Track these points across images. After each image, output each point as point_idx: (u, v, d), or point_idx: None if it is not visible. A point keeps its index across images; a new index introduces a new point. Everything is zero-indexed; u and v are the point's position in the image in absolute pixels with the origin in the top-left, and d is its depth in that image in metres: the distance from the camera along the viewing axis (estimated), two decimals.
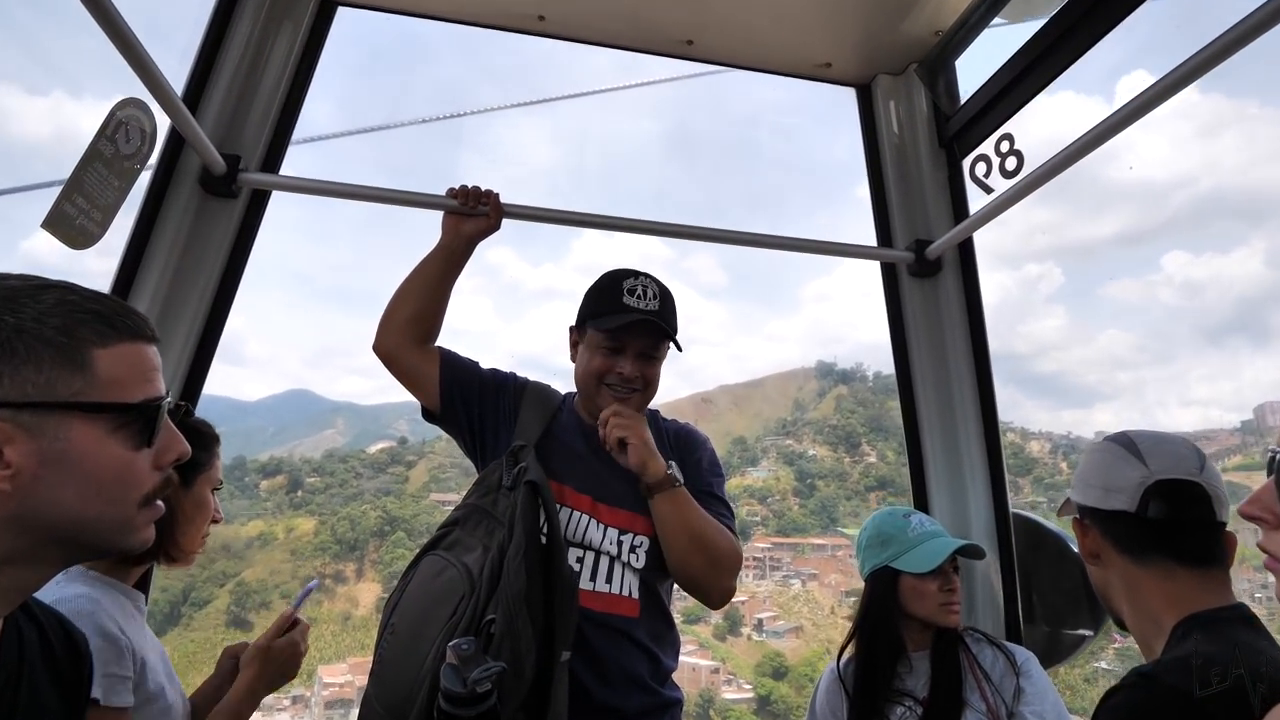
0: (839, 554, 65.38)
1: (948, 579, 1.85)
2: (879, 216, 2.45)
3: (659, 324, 1.66)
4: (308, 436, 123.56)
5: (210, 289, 1.93)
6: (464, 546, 1.50)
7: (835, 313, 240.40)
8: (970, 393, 2.30)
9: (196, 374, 1.92)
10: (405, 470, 77.91)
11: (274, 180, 1.99)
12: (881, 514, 2.00)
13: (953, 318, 2.32)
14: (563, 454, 1.71)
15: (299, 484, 71.35)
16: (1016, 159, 2.00)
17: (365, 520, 65.09)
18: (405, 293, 1.77)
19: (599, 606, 1.59)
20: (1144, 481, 1.13)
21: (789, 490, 75.27)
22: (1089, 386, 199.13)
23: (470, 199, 1.84)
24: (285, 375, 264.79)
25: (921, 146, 2.39)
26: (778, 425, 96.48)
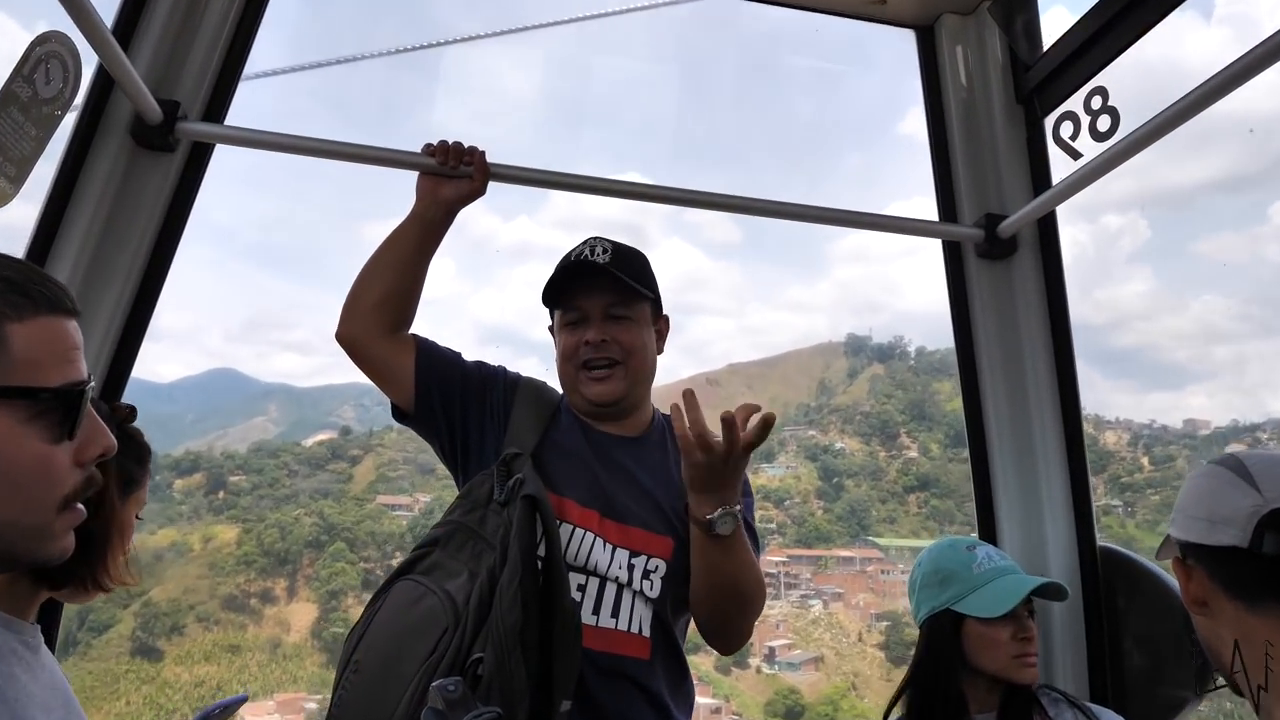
0: (869, 568, 64.22)
1: (1022, 625, 1.85)
2: (942, 186, 2.46)
3: (612, 272, 1.72)
4: (234, 425, 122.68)
5: (142, 256, 1.95)
6: (446, 571, 1.52)
7: (872, 276, 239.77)
8: (1049, 399, 2.32)
9: (124, 355, 1.94)
10: (349, 467, 76.54)
11: (218, 131, 2.01)
12: (940, 546, 2.00)
13: (1029, 308, 2.34)
14: (564, 462, 1.73)
15: (220, 484, 69.97)
16: (1110, 118, 2.01)
17: (298, 528, 64.09)
18: (373, 270, 1.79)
19: (603, 645, 1.60)
20: (1258, 511, 1.12)
21: (811, 491, 74.01)
22: (1178, 364, 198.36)
23: (451, 158, 1.86)
24: (206, 352, 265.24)
25: (995, 102, 2.40)
26: (799, 412, 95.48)
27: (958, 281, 2.43)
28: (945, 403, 79.84)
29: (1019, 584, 1.87)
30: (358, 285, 1.79)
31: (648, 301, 1.82)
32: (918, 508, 75.42)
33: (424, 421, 1.79)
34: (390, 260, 1.80)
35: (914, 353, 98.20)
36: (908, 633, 55.94)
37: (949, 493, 72.93)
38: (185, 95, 2.00)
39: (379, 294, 1.77)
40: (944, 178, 2.46)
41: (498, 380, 1.83)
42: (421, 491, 71.47)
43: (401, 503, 69.23)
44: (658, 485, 1.76)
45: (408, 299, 1.81)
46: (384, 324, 1.77)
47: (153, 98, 1.90)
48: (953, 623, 1.88)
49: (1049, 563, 2.27)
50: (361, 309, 1.77)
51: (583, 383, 1.76)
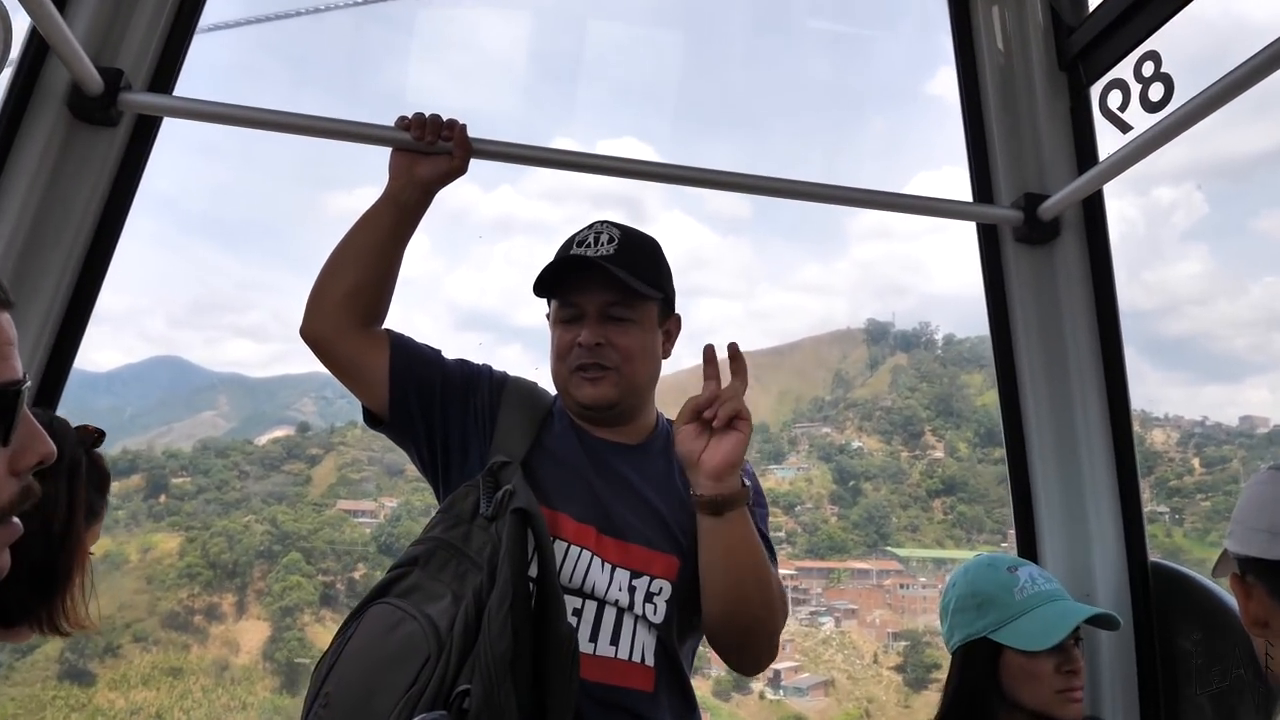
0: (886, 582, 63.54)
1: (1068, 657, 1.86)
2: (977, 164, 2.48)
3: (612, 269, 1.70)
4: (179, 421, 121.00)
5: (81, 242, 1.96)
6: (426, 594, 1.52)
7: (896, 255, 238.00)
8: (1096, 399, 2.34)
9: (62, 351, 1.95)
10: (307, 468, 74.81)
11: (166, 103, 2.01)
12: (978, 565, 2.01)
13: (1073, 298, 2.36)
14: (557, 472, 1.73)
15: (162, 487, 68.70)
16: (1164, 86, 2.02)
17: (248, 537, 63.12)
18: (341, 259, 1.79)
19: (602, 677, 1.60)
20: None
21: (824, 496, 72.88)
22: (1237, 354, 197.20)
23: (428, 132, 1.86)
24: (148, 337, 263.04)
25: (1035, 69, 2.41)
26: (812, 407, 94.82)
27: (994, 269, 2.44)
28: (975, 397, 79.45)
29: (1067, 613, 1.87)
30: (324, 276, 1.79)
31: (655, 301, 1.80)
32: (943, 514, 74.87)
33: (400, 428, 1.80)
34: (361, 247, 1.80)
35: (941, 341, 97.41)
36: (928, 654, 55.71)
37: (978, 497, 72.63)
38: (128, 63, 2.00)
39: (348, 286, 1.77)
40: (979, 154, 2.47)
41: (482, 381, 1.83)
42: (388, 495, 70.78)
43: (365, 508, 68.11)
44: (661, 498, 1.76)
45: (380, 291, 1.80)
46: (354, 319, 1.77)
47: (92, 66, 1.90)
48: (990, 652, 1.89)
49: (1095, 581, 2.29)
50: (328, 303, 1.77)
51: (574, 384, 1.76)
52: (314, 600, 59.73)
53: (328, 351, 1.78)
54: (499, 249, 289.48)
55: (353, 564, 63.05)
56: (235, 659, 59.14)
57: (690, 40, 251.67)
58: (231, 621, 60.43)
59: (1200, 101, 1.87)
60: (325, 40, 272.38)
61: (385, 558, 60.29)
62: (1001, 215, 2.39)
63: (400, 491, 68.60)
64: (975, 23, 2.47)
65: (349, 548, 63.23)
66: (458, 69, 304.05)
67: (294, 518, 64.67)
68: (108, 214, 2.00)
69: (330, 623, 59.38)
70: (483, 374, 1.85)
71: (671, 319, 1.88)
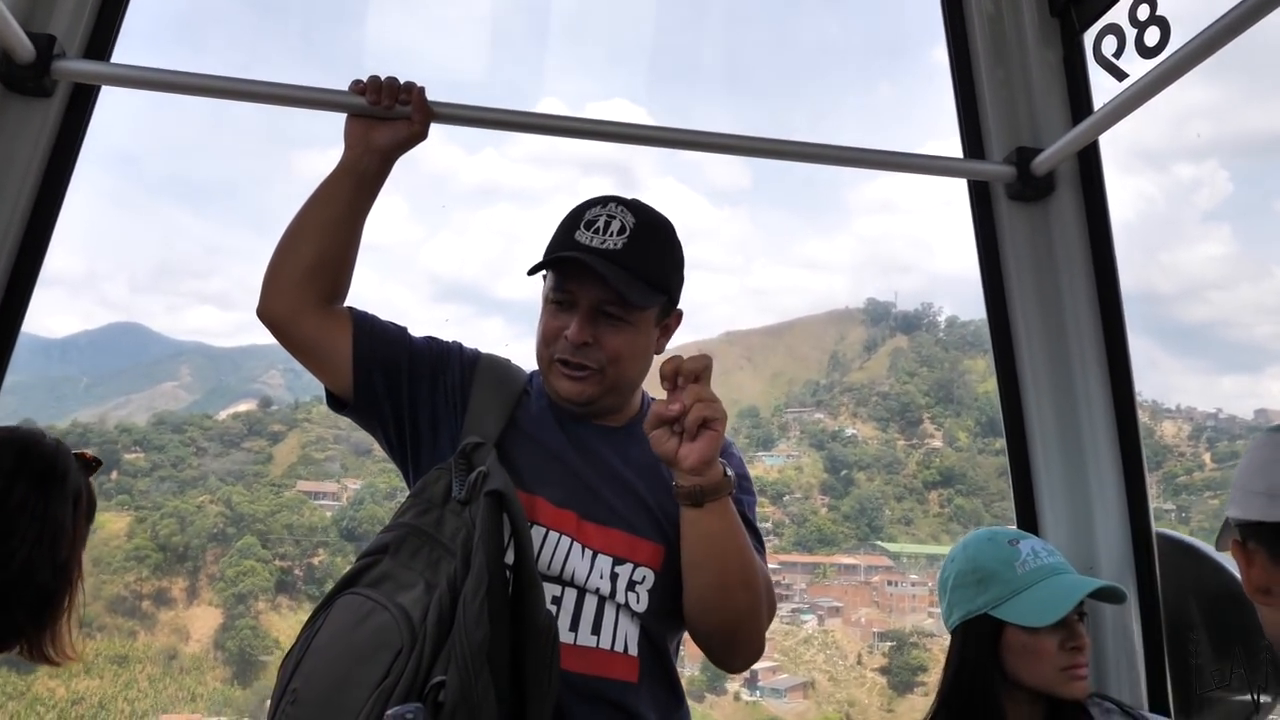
0: (874, 578, 63.18)
1: (1073, 633, 1.85)
2: (966, 117, 2.45)
3: (615, 269, 1.64)
4: (139, 391, 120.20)
5: (19, 218, 1.92)
6: (397, 582, 1.50)
7: (901, 229, 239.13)
8: (1096, 363, 2.32)
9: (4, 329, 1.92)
10: (269, 445, 74.02)
11: (103, 70, 1.97)
12: (978, 539, 2.00)
13: (1071, 257, 2.34)
14: (533, 453, 1.72)
15: (114, 463, 67.31)
16: (1160, 30, 1.99)
17: (200, 519, 62.22)
18: (298, 234, 1.76)
19: (584, 667, 1.60)
20: None
21: (815, 485, 72.88)
22: (1258, 342, 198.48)
23: (384, 96, 1.83)
24: (107, 303, 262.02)
25: (1025, 16, 2.39)
26: (806, 390, 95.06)
27: (987, 228, 2.42)
28: (978, 384, 79.89)
29: (1070, 587, 1.86)
30: (280, 252, 1.76)
31: (655, 304, 1.74)
32: (939, 507, 75.26)
33: (366, 411, 1.77)
34: (318, 221, 1.77)
35: (943, 323, 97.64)
36: (915, 655, 55.97)
37: (977, 490, 73.05)
38: (62, 28, 1.96)
39: (306, 262, 1.74)
40: (968, 107, 2.45)
41: (452, 358, 1.80)
42: (352, 477, 70.35)
43: (326, 490, 67.39)
44: (644, 482, 1.74)
45: (340, 266, 1.78)
46: (313, 297, 1.75)
47: (22, 32, 1.85)
48: (991, 630, 1.88)
49: (1098, 552, 2.29)
50: (285, 280, 1.74)
51: (553, 373, 1.73)
52: (269, 587, 59.24)
53: (286, 332, 1.76)
54: (480, 217, 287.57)
55: (312, 548, 62.65)
56: (185, 647, 58.72)
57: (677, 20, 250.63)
58: (181, 607, 59.96)
59: (1198, 44, 1.84)
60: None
61: (347, 544, 60.30)
62: (993, 171, 2.36)
63: (367, 472, 68.44)
64: None
65: (308, 531, 62.42)
66: (422, 21, 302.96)
67: (250, 499, 64.19)
68: (45, 188, 1.96)
69: (286, 610, 59.21)
70: (452, 351, 1.83)
71: (672, 315, 1.83)
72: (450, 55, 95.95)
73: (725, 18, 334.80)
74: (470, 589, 1.41)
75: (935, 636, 55.26)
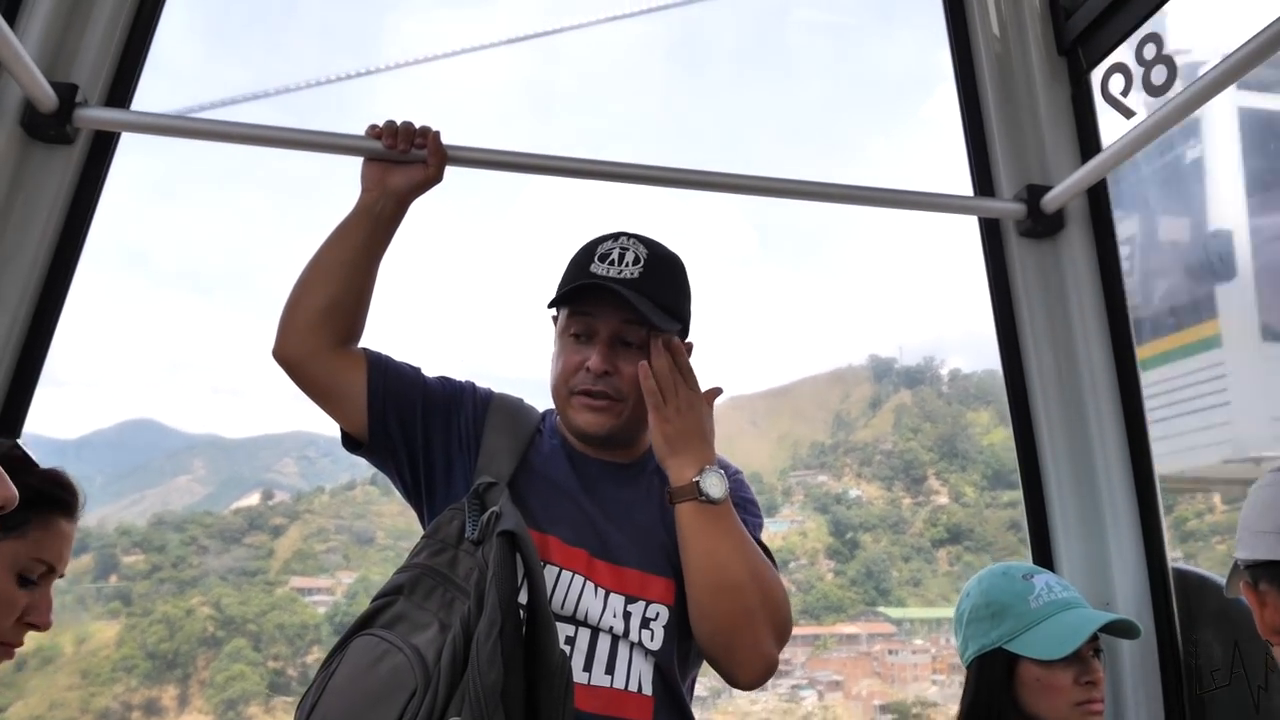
0: (875, 648, 61.04)
1: (1086, 667, 1.86)
2: (975, 155, 2.49)
3: (634, 297, 1.68)
4: (153, 487, 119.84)
5: (38, 269, 1.96)
6: (412, 623, 1.51)
7: (909, 282, 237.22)
8: (1109, 398, 2.34)
9: (19, 392, 1.94)
10: (270, 539, 71.79)
11: (125, 118, 2.02)
12: (992, 575, 2.01)
13: (1081, 292, 2.37)
14: (545, 492, 1.73)
15: (112, 567, 66.47)
16: (1167, 68, 2.04)
17: (189, 624, 60.71)
18: (315, 275, 1.79)
19: (597, 708, 1.59)
20: None
21: (820, 550, 70.64)
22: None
23: (400, 140, 1.87)
24: (121, 401, 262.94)
25: (1033, 55, 2.43)
26: (811, 453, 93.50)
27: (998, 265, 2.45)
28: (981, 436, 78.41)
29: (1083, 621, 1.87)
30: (297, 292, 1.79)
31: (673, 330, 1.78)
32: (948, 565, 73.37)
33: (381, 451, 1.79)
34: (333, 263, 1.79)
35: (947, 376, 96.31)
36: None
37: (985, 545, 71.16)
38: (84, 77, 2.00)
39: (322, 303, 1.76)
40: (978, 145, 2.49)
41: (465, 398, 1.83)
42: (348, 570, 68.96)
43: (319, 585, 65.65)
44: (655, 519, 1.75)
45: (356, 307, 1.80)
46: (329, 338, 1.77)
47: (46, 81, 1.90)
48: (1005, 664, 1.88)
49: (1114, 588, 2.30)
50: (301, 321, 1.76)
51: (573, 408, 1.75)
52: (261, 690, 57.30)
53: (301, 373, 1.78)
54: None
55: (305, 647, 61.03)
56: None
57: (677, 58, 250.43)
58: (172, 716, 58.78)
59: (1205, 83, 1.88)
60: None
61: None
62: (1003, 209, 2.40)
63: (369, 561, 67.35)
64: (970, 8, 2.49)
65: (300, 630, 60.80)
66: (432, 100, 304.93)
67: (239, 601, 62.22)
68: (67, 234, 2.00)
69: (282, 711, 58.17)
70: (465, 391, 1.85)
71: (685, 346, 1.85)
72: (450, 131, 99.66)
73: (728, 84, 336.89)
74: (483, 630, 1.42)
75: (939, 706, 53.94)
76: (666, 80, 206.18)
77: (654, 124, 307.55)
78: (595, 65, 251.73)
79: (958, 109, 2.52)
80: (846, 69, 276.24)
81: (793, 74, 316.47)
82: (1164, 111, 1.98)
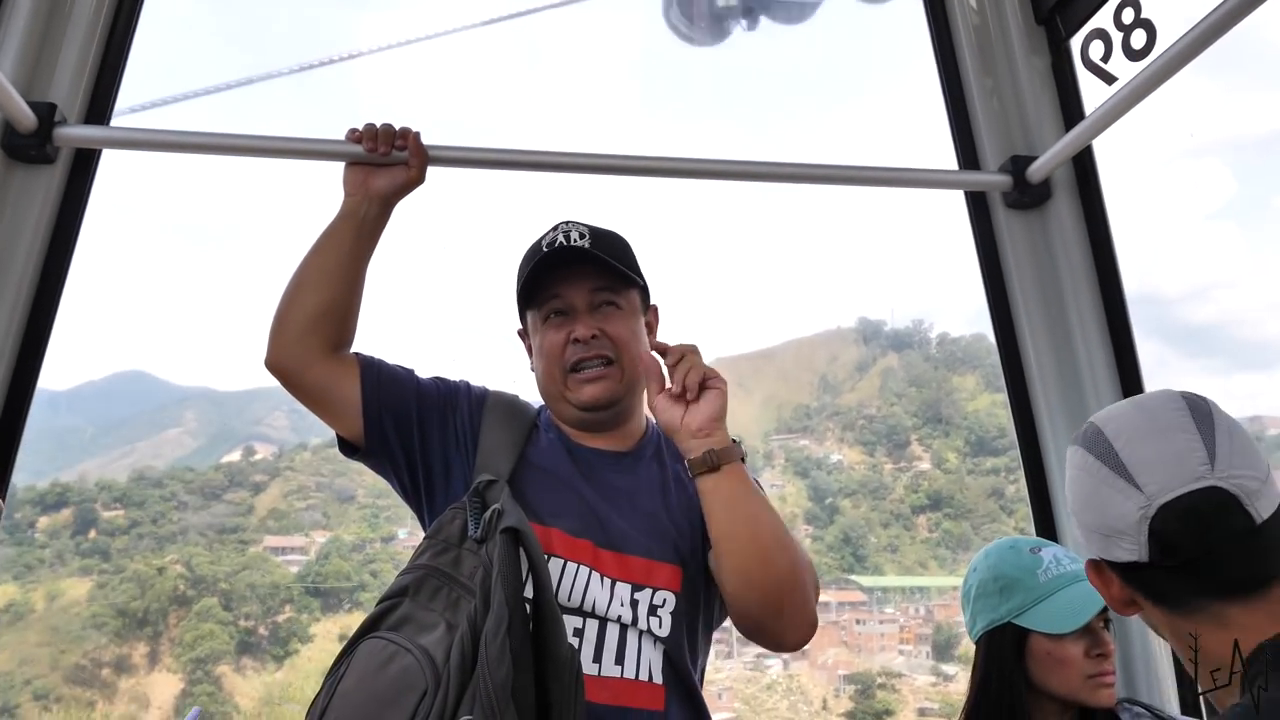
0: (843, 616, 60.32)
1: (1097, 640, 1.86)
2: (959, 128, 2.51)
3: (596, 255, 1.76)
4: (144, 439, 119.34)
5: (26, 287, 1.97)
6: (418, 624, 1.52)
7: (903, 246, 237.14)
8: (1105, 366, 2.36)
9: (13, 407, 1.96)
10: (250, 496, 72.76)
11: (105, 135, 2.03)
12: (1000, 548, 2.01)
13: (1072, 261, 2.39)
14: (546, 486, 1.75)
15: (91, 521, 66.88)
16: (1146, 32, 2.05)
17: (160, 582, 60.44)
18: (302, 282, 1.79)
19: (608, 698, 1.61)
20: (1144, 516, 1.14)
21: (798, 515, 71.11)
22: (1268, 339, 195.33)
23: (380, 143, 1.88)
24: (114, 353, 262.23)
25: (1011, 25, 2.44)
26: (795, 416, 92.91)
27: (987, 238, 2.47)
28: (966, 402, 78.19)
29: (1093, 593, 1.85)
30: (285, 301, 1.79)
31: (636, 288, 1.86)
32: (927, 531, 73.11)
33: (378, 455, 1.80)
34: (321, 269, 1.80)
35: (935, 339, 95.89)
36: (880, 698, 53.78)
37: (965, 513, 70.90)
38: (62, 96, 2.01)
39: (311, 311, 1.77)
40: (960, 119, 2.50)
41: (460, 397, 1.84)
42: (324, 530, 68.41)
43: (293, 544, 65.46)
44: (657, 505, 1.77)
45: (345, 313, 1.81)
46: (319, 345, 1.77)
47: (23, 102, 1.91)
48: (1015, 639, 1.88)
49: None
50: (291, 329, 1.77)
51: (571, 386, 1.78)
52: (230, 649, 57.35)
53: (295, 381, 1.78)
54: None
55: (277, 606, 60.34)
56: (145, 715, 56.73)
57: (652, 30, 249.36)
58: (143, 674, 57.93)
59: (1184, 45, 1.89)
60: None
61: (312, 599, 58.77)
62: (989, 181, 2.41)
63: (349, 519, 66.85)
64: None
65: (272, 589, 60.88)
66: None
67: (210, 561, 62.09)
68: (53, 252, 2.01)
69: (250, 671, 57.77)
70: (460, 391, 1.86)
71: (651, 310, 1.93)
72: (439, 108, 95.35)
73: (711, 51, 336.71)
74: (491, 627, 1.42)
75: (904, 677, 53.52)
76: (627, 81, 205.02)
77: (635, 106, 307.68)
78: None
79: (938, 83, 2.54)
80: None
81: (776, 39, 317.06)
82: (1145, 75, 1.99)
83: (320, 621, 60.65)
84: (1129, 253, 14.86)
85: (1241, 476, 1.12)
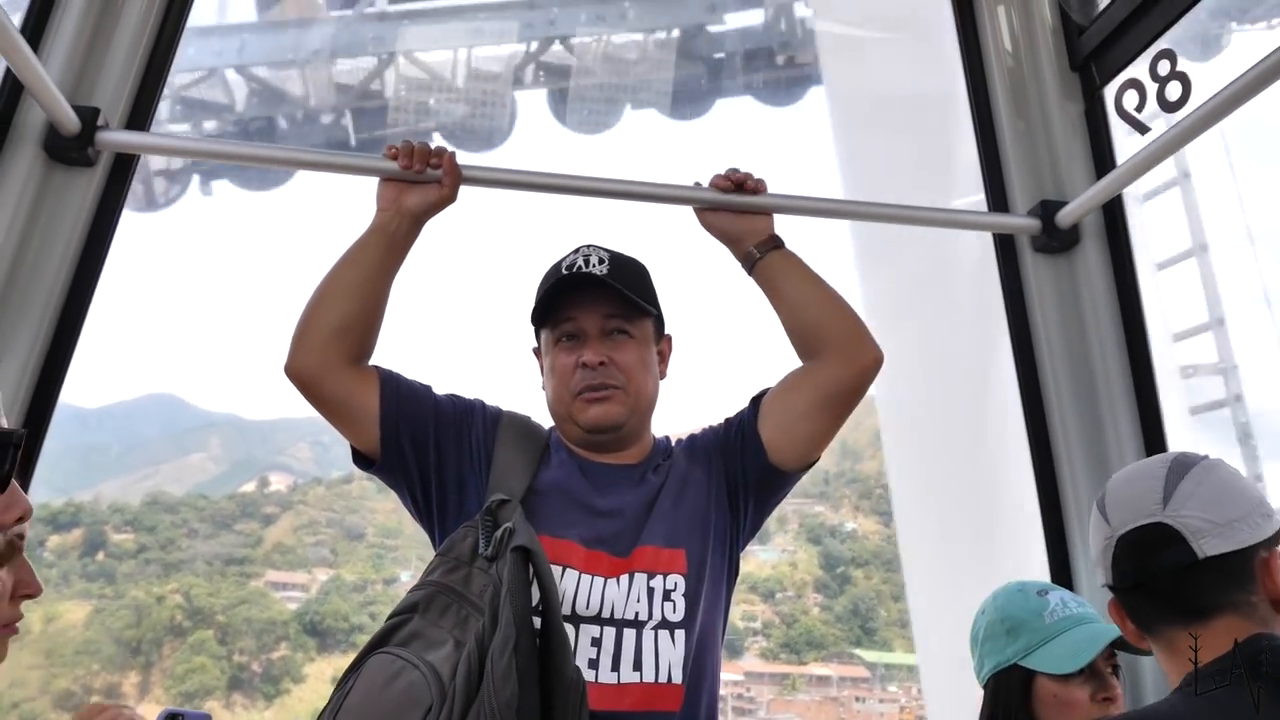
0: (844, 692, 58.24)
1: (1104, 684, 1.85)
2: (989, 171, 2.51)
3: (609, 283, 1.79)
4: (167, 462, 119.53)
5: (60, 286, 2.00)
6: (427, 641, 1.53)
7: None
8: (1127, 414, 2.34)
9: (42, 400, 1.98)
10: (260, 528, 72.34)
11: (146, 141, 2.07)
12: (1007, 591, 2.00)
13: (1097, 308, 2.38)
14: (559, 501, 1.77)
15: (100, 544, 66.57)
16: (1181, 84, 2.04)
17: (158, 611, 60.08)
18: (328, 292, 1.82)
19: (631, 705, 1.64)
20: (1109, 545, 1.33)
21: (808, 583, 69.29)
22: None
23: (416, 160, 1.90)
24: (147, 375, 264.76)
25: (1045, 71, 2.46)
26: (813, 480, 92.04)
27: (1013, 281, 2.47)
28: None
29: (1097, 634, 1.86)
30: (310, 310, 1.81)
31: (650, 318, 1.89)
32: None
33: (393, 469, 1.82)
34: (348, 280, 1.82)
35: None
36: None
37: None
38: (105, 101, 2.05)
39: (334, 321, 1.79)
40: (991, 161, 2.51)
41: (475, 416, 1.86)
42: (326, 566, 67.35)
43: (295, 581, 64.85)
44: (664, 505, 1.81)
45: (368, 326, 1.83)
46: (340, 356, 1.79)
47: (68, 105, 1.94)
48: (1022, 681, 1.88)
49: None
50: (314, 339, 1.79)
51: (578, 408, 1.81)
52: (220, 686, 56.77)
53: (314, 390, 1.80)
54: None
55: (272, 643, 59.57)
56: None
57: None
58: (132, 704, 57.64)
59: (1221, 100, 1.89)
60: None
61: (309, 639, 58.40)
62: (1018, 224, 2.41)
63: (355, 557, 66.35)
64: (982, 24, 2.52)
65: (268, 626, 60.42)
66: None
67: (209, 592, 61.63)
68: (87, 255, 2.04)
69: (239, 709, 57.24)
70: (476, 410, 1.88)
71: (664, 339, 1.96)
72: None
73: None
74: (498, 646, 1.43)
75: None
76: None
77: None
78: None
79: (970, 126, 2.55)
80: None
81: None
82: (1180, 127, 1.99)
83: (314, 662, 60.11)
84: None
85: (1189, 517, 1.26)
